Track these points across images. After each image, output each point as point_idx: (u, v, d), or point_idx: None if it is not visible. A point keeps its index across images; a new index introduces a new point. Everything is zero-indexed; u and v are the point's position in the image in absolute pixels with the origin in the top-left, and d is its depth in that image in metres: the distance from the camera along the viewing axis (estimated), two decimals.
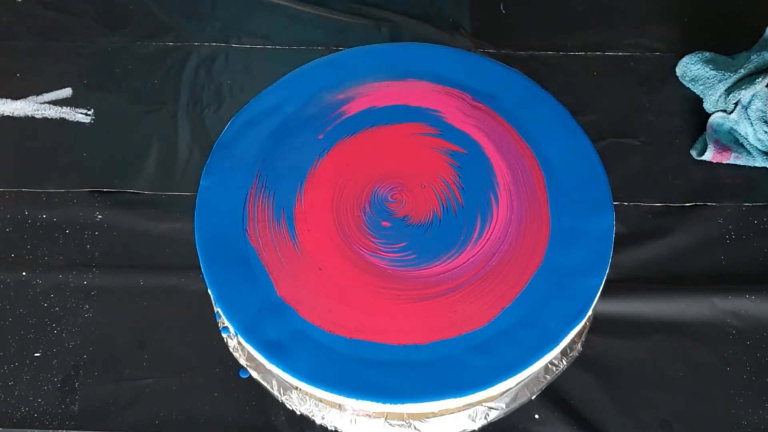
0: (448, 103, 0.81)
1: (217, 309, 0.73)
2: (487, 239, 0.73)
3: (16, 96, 1.07)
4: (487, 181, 0.77)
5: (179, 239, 0.93)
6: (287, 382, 0.72)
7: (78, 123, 1.05)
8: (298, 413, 0.77)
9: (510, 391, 0.74)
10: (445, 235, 0.74)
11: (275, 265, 0.72)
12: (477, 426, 0.75)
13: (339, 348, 0.68)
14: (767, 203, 0.96)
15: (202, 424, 0.83)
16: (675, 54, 1.08)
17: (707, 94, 1.02)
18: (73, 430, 0.82)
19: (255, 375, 0.77)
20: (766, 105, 0.97)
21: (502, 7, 1.15)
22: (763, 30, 1.05)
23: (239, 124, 0.80)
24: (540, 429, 0.82)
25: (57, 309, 0.89)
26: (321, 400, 0.74)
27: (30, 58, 1.11)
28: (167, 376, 0.85)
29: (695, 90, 1.05)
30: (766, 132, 0.97)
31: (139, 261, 0.93)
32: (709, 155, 0.98)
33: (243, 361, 0.77)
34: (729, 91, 1.00)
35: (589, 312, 0.71)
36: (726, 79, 1.01)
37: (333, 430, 0.77)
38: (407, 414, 0.71)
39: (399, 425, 0.73)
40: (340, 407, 0.73)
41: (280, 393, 0.76)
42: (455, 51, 0.87)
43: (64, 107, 1.06)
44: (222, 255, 0.73)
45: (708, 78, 1.03)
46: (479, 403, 0.73)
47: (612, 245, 0.73)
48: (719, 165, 0.99)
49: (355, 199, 0.76)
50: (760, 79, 0.97)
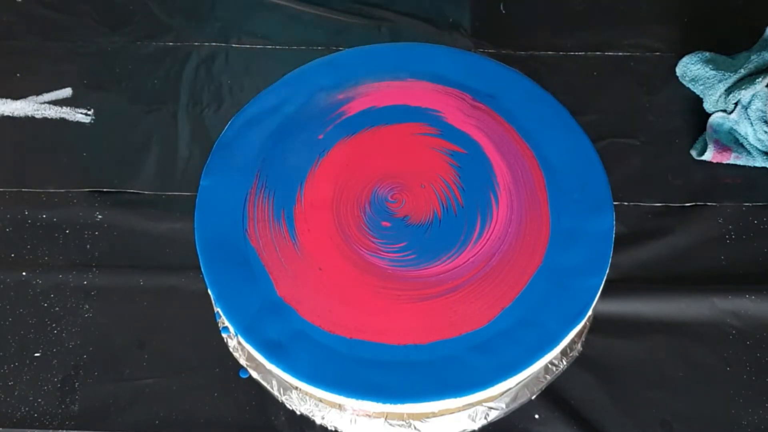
0: (448, 103, 0.81)
1: (217, 309, 0.72)
2: (487, 239, 0.73)
3: (16, 96, 1.07)
4: (487, 181, 0.77)
5: (179, 239, 0.93)
6: (287, 382, 0.72)
7: (78, 123, 1.05)
8: (298, 413, 0.77)
9: (510, 391, 0.74)
10: (445, 235, 0.74)
11: (275, 265, 0.72)
12: (477, 426, 0.75)
13: (339, 348, 0.68)
14: (767, 203, 0.96)
15: (202, 424, 0.83)
16: (675, 54, 1.08)
17: (707, 94, 1.02)
18: (73, 430, 0.82)
19: (255, 375, 0.77)
20: (766, 105, 0.97)
21: (502, 7, 1.15)
22: (763, 30, 1.05)
23: (239, 124, 0.80)
24: (540, 429, 0.82)
25: (57, 309, 0.89)
26: (321, 400, 0.74)
27: (30, 58, 1.11)
28: (167, 376, 0.85)
29: (695, 90, 1.05)
30: (766, 132, 0.97)
31: (139, 261, 0.93)
32: (709, 155, 0.98)
33: (243, 361, 0.77)
34: (729, 91, 1.00)
35: (589, 312, 0.71)
36: (726, 79, 1.01)
37: (333, 430, 0.77)
38: (407, 414, 0.71)
39: (399, 425, 0.73)
40: (340, 407, 0.72)
41: (280, 393, 0.76)
42: (455, 51, 0.87)
43: (64, 107, 1.06)
44: (222, 255, 0.73)
45: (708, 78, 1.03)
46: (479, 403, 0.73)
47: (612, 245, 0.73)
48: (719, 165, 0.99)
49: (355, 199, 0.76)
50: (760, 79, 0.97)
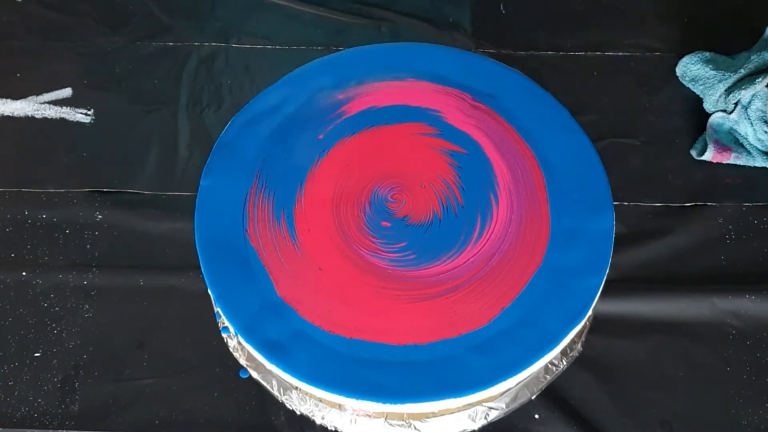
0: (448, 103, 0.81)
1: (217, 309, 0.72)
2: (487, 239, 0.73)
3: (16, 96, 1.07)
4: (487, 181, 0.76)
5: (179, 239, 0.93)
6: (287, 382, 0.72)
7: (78, 123, 1.05)
8: (298, 413, 0.77)
9: (510, 391, 0.74)
10: (445, 235, 0.74)
11: (275, 265, 0.72)
12: (477, 426, 0.75)
13: (339, 348, 0.68)
14: (767, 203, 0.96)
15: (202, 424, 0.83)
16: (675, 54, 1.08)
17: (707, 94, 1.02)
18: (73, 430, 0.82)
19: (255, 375, 0.77)
20: (766, 105, 0.97)
21: (502, 7, 1.15)
22: (763, 30, 1.05)
23: (239, 124, 0.80)
24: (540, 429, 0.82)
25: (57, 309, 0.89)
26: (321, 400, 0.74)
27: (30, 58, 1.11)
28: (167, 376, 0.85)
29: (695, 90, 1.05)
30: (766, 132, 0.97)
31: (139, 261, 0.93)
32: (709, 155, 0.98)
33: (243, 361, 0.77)
34: (729, 91, 1.00)
35: (589, 312, 0.71)
36: (726, 79, 1.01)
37: (333, 430, 0.77)
38: (407, 414, 0.71)
39: (399, 425, 0.73)
40: (340, 407, 0.72)
41: (280, 393, 0.76)
42: (455, 51, 0.87)
43: (64, 107, 1.06)
44: (222, 255, 0.73)
45: (708, 78, 1.03)
46: (479, 403, 0.73)
47: (612, 245, 0.73)
48: (719, 165, 0.99)
49: (355, 199, 0.76)
50: (760, 79, 0.97)
